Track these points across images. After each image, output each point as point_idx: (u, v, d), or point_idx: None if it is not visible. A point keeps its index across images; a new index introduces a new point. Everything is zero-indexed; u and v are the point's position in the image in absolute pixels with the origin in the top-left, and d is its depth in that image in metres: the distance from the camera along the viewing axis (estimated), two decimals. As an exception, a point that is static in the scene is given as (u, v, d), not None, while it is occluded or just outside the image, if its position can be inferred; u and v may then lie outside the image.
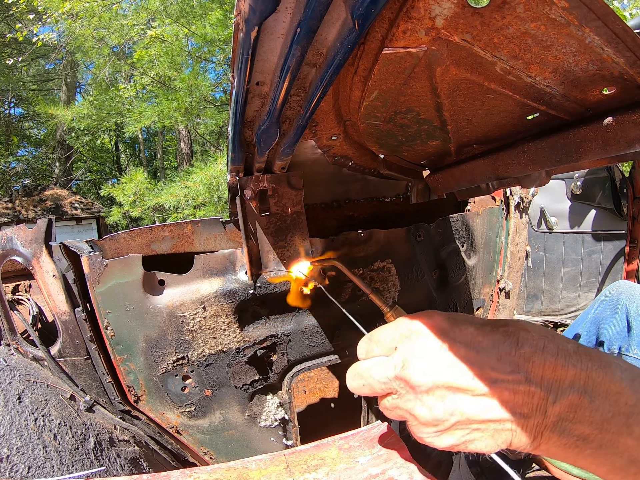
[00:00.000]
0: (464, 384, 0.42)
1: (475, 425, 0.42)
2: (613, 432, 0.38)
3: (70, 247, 1.07)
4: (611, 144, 0.59)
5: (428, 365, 0.43)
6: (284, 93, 0.58)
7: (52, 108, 7.20)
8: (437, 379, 0.43)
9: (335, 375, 1.75)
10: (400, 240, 1.25)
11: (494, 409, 0.41)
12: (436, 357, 0.43)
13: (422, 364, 0.44)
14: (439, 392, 0.43)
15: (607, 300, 1.17)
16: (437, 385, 0.43)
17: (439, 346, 0.44)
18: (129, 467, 1.04)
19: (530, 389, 0.40)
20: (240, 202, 1.01)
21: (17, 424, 0.93)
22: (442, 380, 0.42)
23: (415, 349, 0.45)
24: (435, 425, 0.43)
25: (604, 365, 0.40)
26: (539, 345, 0.42)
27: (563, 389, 0.39)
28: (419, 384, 0.43)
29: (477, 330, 0.44)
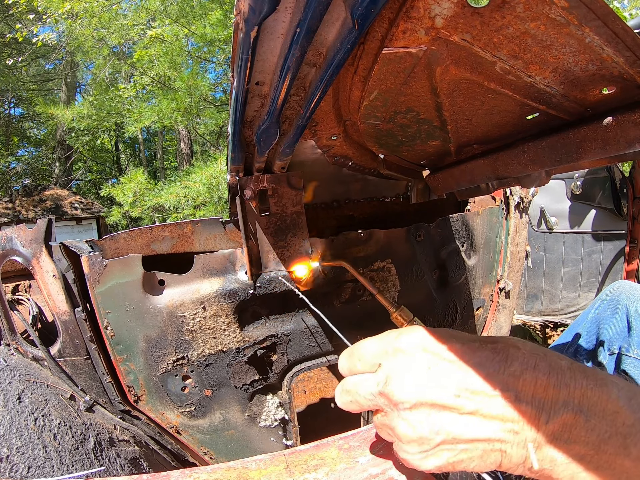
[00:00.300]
0: (450, 402, 0.40)
1: (462, 446, 0.40)
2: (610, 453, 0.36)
3: (70, 247, 1.07)
4: (611, 144, 0.59)
5: (412, 382, 0.42)
6: (284, 93, 0.58)
7: (52, 108, 7.20)
8: (421, 396, 0.41)
9: (335, 375, 1.75)
10: (400, 240, 1.25)
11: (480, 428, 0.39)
12: (420, 374, 0.42)
13: (405, 380, 0.42)
14: (423, 410, 0.41)
15: (607, 300, 1.17)
16: (420, 402, 0.41)
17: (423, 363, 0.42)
18: (129, 467, 1.04)
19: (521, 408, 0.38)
20: (240, 202, 1.01)
21: (17, 424, 0.93)
22: (426, 397, 0.41)
23: (399, 365, 0.43)
24: (419, 445, 0.41)
25: (600, 383, 0.39)
26: (529, 363, 0.40)
27: (556, 408, 0.38)
28: (402, 400, 0.42)
29: (464, 346, 0.42)
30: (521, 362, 0.40)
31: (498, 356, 0.41)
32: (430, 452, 0.41)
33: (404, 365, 0.43)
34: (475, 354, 0.42)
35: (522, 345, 0.42)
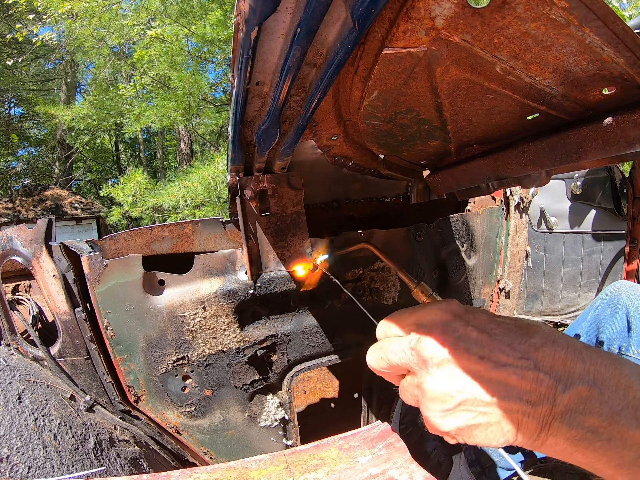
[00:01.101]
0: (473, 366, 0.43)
1: (481, 408, 0.43)
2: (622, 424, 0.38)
3: (70, 247, 1.07)
4: (611, 144, 0.59)
5: (442, 341, 0.45)
6: (284, 93, 0.58)
7: (52, 108, 7.19)
8: (449, 356, 0.44)
9: (335, 375, 1.75)
10: (400, 240, 1.25)
11: (499, 394, 0.42)
12: (450, 335, 0.45)
13: (436, 339, 0.45)
14: (449, 367, 0.44)
15: (607, 300, 1.17)
16: (448, 359, 0.44)
17: (453, 326, 0.46)
18: (129, 467, 1.04)
19: (539, 376, 0.41)
20: (240, 202, 1.01)
21: (17, 424, 0.93)
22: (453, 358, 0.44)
23: (432, 327, 0.47)
24: (442, 402, 0.44)
25: (613, 361, 0.41)
26: (549, 338, 0.43)
27: (573, 380, 0.40)
28: (431, 355, 0.45)
29: (490, 318, 0.46)
30: (541, 336, 0.43)
31: (520, 330, 0.44)
32: (450, 412, 0.44)
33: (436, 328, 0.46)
34: (500, 325, 0.45)
35: (543, 325, 0.46)
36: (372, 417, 1.39)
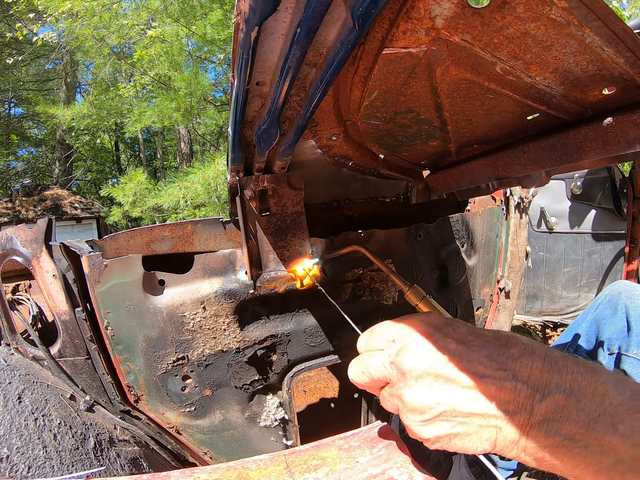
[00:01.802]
0: (452, 375, 0.44)
1: (460, 419, 0.44)
2: (599, 431, 0.39)
3: (70, 247, 1.07)
4: (611, 144, 0.59)
5: (420, 354, 0.46)
6: (284, 93, 0.58)
7: (52, 108, 7.19)
8: (427, 367, 0.45)
9: (335, 375, 1.75)
10: (400, 240, 1.25)
11: (480, 402, 0.43)
12: (429, 348, 0.46)
13: (414, 352, 0.47)
14: (428, 380, 0.45)
15: (607, 300, 1.17)
16: (426, 372, 0.45)
17: (432, 339, 0.47)
18: (129, 467, 1.04)
19: (517, 387, 0.42)
20: (240, 202, 1.01)
21: (17, 424, 0.93)
22: (431, 368, 0.45)
23: (410, 340, 0.48)
24: (421, 413, 0.45)
25: (589, 370, 0.42)
26: (527, 349, 0.44)
27: (550, 389, 0.41)
28: (410, 369, 0.46)
29: (469, 330, 0.48)
30: (519, 348, 0.44)
31: (499, 341, 0.46)
32: (430, 422, 0.45)
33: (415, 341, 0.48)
34: (479, 337, 0.47)
35: (521, 336, 0.47)
36: (372, 417, 1.39)
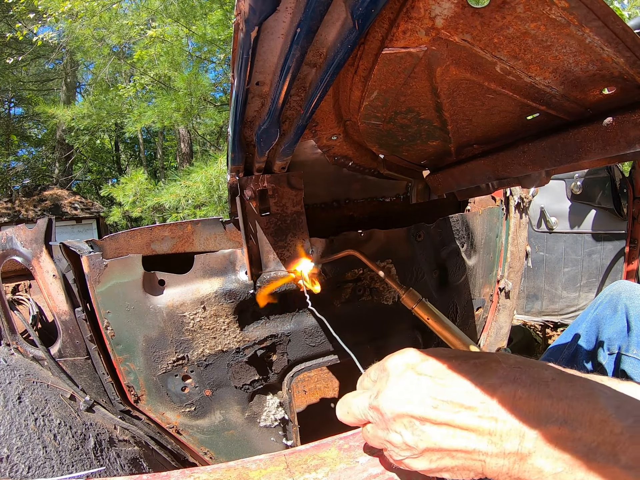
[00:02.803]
0: (427, 414, 0.43)
1: (444, 453, 0.43)
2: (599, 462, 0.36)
3: (70, 247, 1.07)
4: (611, 144, 0.59)
5: (396, 396, 0.46)
6: (284, 93, 0.58)
7: (52, 108, 7.19)
8: (404, 408, 0.45)
9: (335, 375, 1.75)
10: (400, 240, 1.25)
11: (458, 437, 0.41)
12: (404, 389, 0.46)
13: (391, 394, 0.47)
14: (406, 420, 0.45)
15: (607, 300, 1.17)
16: (403, 414, 0.45)
17: (407, 379, 0.47)
18: (129, 467, 1.04)
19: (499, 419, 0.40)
20: (240, 202, 1.01)
21: (17, 424, 0.93)
22: (407, 409, 0.44)
23: (388, 382, 0.48)
24: (407, 450, 0.45)
25: (587, 393, 0.39)
26: (509, 377, 0.42)
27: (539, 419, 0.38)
28: (387, 411, 0.46)
29: (446, 362, 0.46)
30: (500, 376, 0.42)
31: (477, 369, 0.44)
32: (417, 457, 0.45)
33: (392, 383, 0.48)
34: (457, 369, 0.45)
35: (505, 359, 0.44)
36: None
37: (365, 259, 1.00)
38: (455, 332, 0.88)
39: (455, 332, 0.87)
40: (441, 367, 0.46)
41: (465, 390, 0.42)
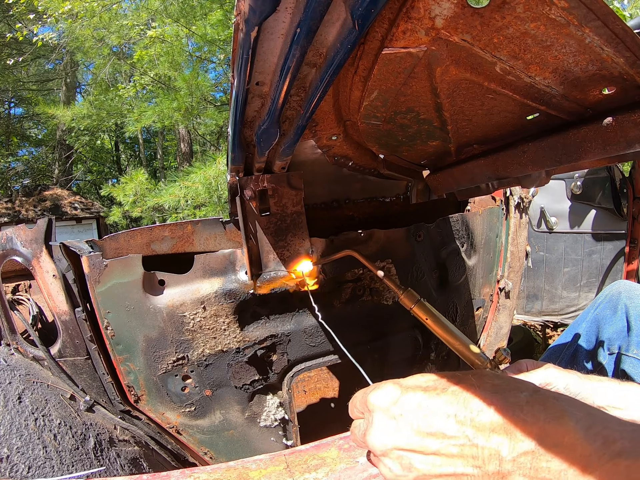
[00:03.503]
0: (414, 446, 0.46)
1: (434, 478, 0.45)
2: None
3: (70, 247, 1.07)
4: (611, 144, 0.59)
5: (381, 433, 0.49)
6: (284, 93, 0.58)
7: (52, 108, 7.19)
8: (390, 443, 0.48)
9: (335, 375, 1.75)
10: (400, 240, 1.25)
11: (444, 465, 0.44)
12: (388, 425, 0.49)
13: (376, 432, 0.49)
14: (393, 454, 0.47)
15: (607, 299, 1.17)
16: (390, 449, 0.48)
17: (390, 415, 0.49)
18: (129, 467, 1.04)
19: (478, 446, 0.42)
20: (240, 202, 1.01)
21: (17, 424, 0.93)
22: (394, 444, 0.47)
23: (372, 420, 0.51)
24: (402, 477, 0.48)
25: (557, 415, 0.40)
26: (485, 403, 0.44)
27: (515, 442, 0.40)
28: (375, 449, 0.49)
29: (425, 394, 0.49)
30: (477, 403, 0.44)
31: (456, 398, 0.46)
32: None
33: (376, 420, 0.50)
34: (435, 400, 0.47)
35: (482, 382, 0.47)
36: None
37: (363, 259, 1.00)
38: (454, 332, 0.87)
39: (454, 333, 0.87)
40: (421, 400, 0.48)
41: (446, 421, 0.45)
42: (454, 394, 0.46)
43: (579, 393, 0.77)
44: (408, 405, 0.48)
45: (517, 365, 0.82)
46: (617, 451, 0.36)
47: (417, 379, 0.52)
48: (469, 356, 0.85)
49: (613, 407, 0.74)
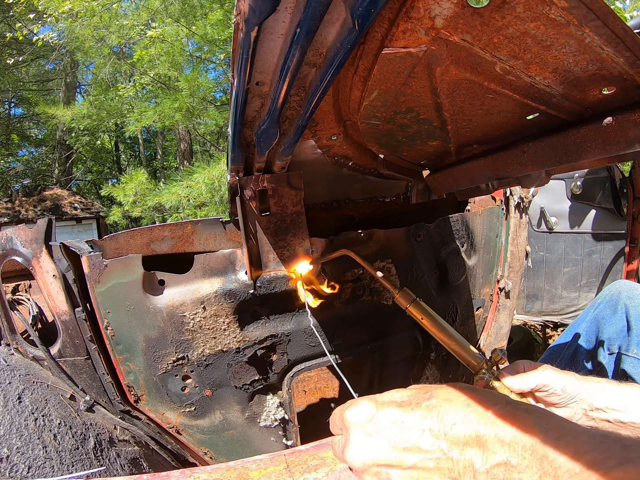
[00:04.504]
0: (391, 461, 0.47)
1: None
2: None
3: (70, 247, 1.07)
4: (611, 144, 0.59)
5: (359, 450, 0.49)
6: (284, 93, 0.58)
7: (52, 108, 7.19)
8: (368, 460, 0.48)
9: (335, 375, 1.75)
10: (400, 240, 1.25)
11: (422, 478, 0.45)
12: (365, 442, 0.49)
13: (354, 449, 0.50)
14: (372, 470, 0.48)
15: (607, 299, 1.17)
16: (368, 465, 0.48)
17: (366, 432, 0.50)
18: (129, 467, 1.04)
19: (453, 459, 0.43)
20: (240, 202, 1.01)
21: (17, 424, 0.93)
22: (372, 460, 0.48)
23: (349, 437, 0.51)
24: None
25: (528, 427, 0.41)
26: (458, 417, 0.45)
27: (488, 454, 0.41)
28: (354, 465, 0.50)
29: (399, 410, 0.49)
30: (452, 416, 0.45)
31: (431, 413, 0.47)
32: None
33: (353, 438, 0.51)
34: (410, 415, 0.48)
35: (457, 397, 0.48)
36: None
37: (359, 258, 1.00)
38: (450, 332, 0.87)
39: (450, 333, 0.87)
40: (396, 415, 0.49)
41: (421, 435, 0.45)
42: (427, 409, 0.47)
43: (577, 394, 0.77)
44: (383, 421, 0.49)
45: (515, 366, 0.82)
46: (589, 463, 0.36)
47: (392, 395, 0.53)
48: (465, 357, 0.84)
49: (612, 408, 0.73)
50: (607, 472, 0.34)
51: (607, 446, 0.37)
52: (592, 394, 0.75)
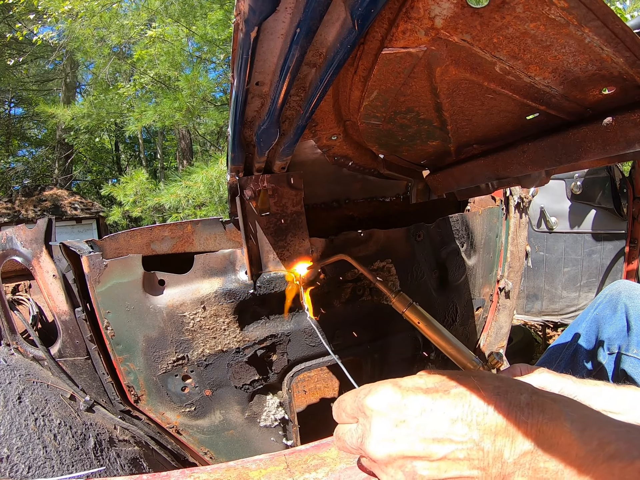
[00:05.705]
0: (419, 452, 0.44)
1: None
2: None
3: (70, 247, 1.07)
4: (611, 144, 0.59)
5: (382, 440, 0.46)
6: (284, 93, 0.58)
7: (52, 108, 7.18)
8: (393, 451, 0.45)
9: (335, 375, 1.75)
10: (400, 240, 1.25)
11: (450, 470, 0.43)
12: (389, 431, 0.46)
13: (376, 439, 0.47)
14: (397, 463, 0.46)
15: (607, 299, 1.17)
16: (393, 457, 0.46)
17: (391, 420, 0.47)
18: (129, 467, 1.04)
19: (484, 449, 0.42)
20: (240, 202, 1.01)
21: (17, 424, 0.93)
22: (397, 451, 0.45)
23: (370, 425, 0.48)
24: None
25: (554, 417, 0.41)
26: (489, 406, 0.43)
27: (515, 444, 0.41)
28: (376, 458, 0.47)
29: (427, 397, 0.47)
30: (481, 406, 0.44)
31: (460, 402, 0.45)
32: None
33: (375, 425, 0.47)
34: (438, 403, 0.46)
35: (484, 384, 0.46)
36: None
37: (357, 263, 1.00)
38: (446, 336, 0.87)
39: (446, 337, 0.87)
40: (424, 403, 0.46)
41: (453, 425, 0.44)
42: (458, 397, 0.45)
43: (575, 397, 0.77)
44: (411, 409, 0.46)
45: (511, 369, 0.81)
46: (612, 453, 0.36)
47: (415, 381, 0.50)
48: (462, 360, 0.84)
49: (609, 411, 0.73)
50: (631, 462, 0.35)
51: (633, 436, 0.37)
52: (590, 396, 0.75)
